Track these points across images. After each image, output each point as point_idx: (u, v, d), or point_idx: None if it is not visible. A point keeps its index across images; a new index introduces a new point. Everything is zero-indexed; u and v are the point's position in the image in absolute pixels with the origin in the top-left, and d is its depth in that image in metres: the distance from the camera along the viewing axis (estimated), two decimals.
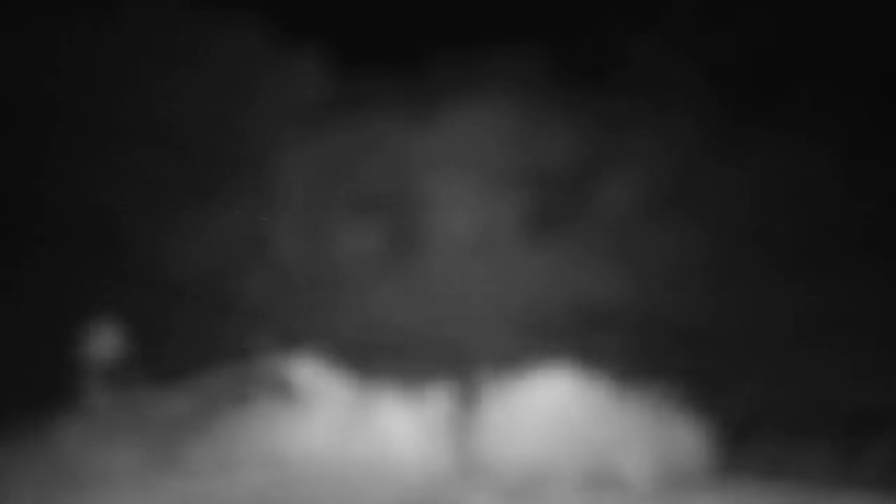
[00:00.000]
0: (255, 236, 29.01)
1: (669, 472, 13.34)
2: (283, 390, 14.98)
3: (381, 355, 16.68)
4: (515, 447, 14.46)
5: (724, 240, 26.40)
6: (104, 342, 14.71)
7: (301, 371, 15.19)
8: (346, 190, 29.61)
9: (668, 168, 28.58)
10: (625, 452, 13.11)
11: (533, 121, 28.75)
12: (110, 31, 27.83)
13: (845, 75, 26.94)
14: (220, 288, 27.70)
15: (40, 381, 16.83)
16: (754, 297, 24.21)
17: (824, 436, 15.11)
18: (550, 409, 14.57)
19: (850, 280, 24.18)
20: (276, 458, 14.08)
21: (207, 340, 23.22)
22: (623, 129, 28.94)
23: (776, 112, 27.02)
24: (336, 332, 20.31)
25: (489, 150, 28.61)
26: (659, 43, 29.28)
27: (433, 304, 26.73)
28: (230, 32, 27.98)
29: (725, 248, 26.15)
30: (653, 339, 21.12)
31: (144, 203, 28.39)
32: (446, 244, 28.91)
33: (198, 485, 13.25)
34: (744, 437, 14.90)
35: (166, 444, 14.46)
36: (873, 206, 26.72)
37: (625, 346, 17.29)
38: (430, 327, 25.06)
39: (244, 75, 28.13)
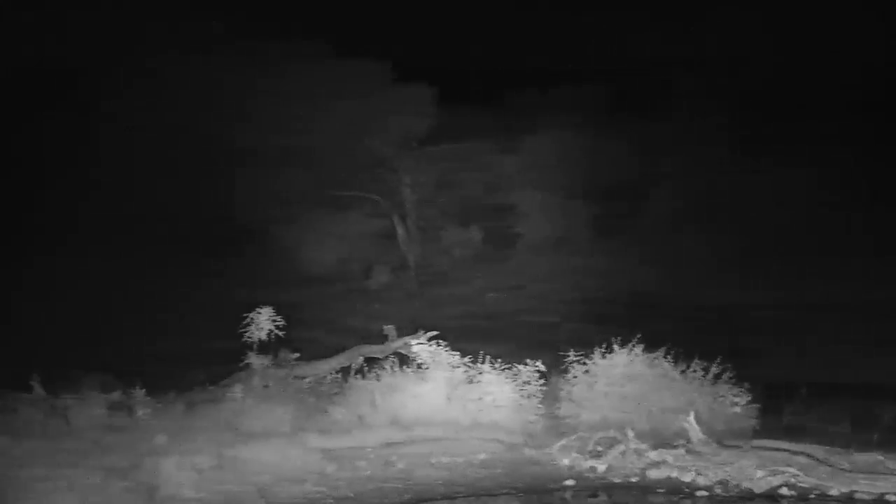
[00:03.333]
0: (382, 239, 29.62)
1: (719, 432, 13.62)
2: (405, 365, 15.44)
3: (483, 336, 17.03)
4: (594, 411, 14.88)
5: (751, 239, 26.50)
6: (265, 325, 15.16)
7: (419, 349, 15.64)
8: (451, 200, 30.10)
9: (703, 182, 28.69)
10: (682, 416, 13.37)
11: (595, 145, 29.05)
12: (261, 77, 28.61)
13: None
14: (355, 281, 28.39)
15: (217, 356, 17.63)
16: (777, 286, 24.31)
17: (840, 404, 15.26)
18: (621, 380, 14.89)
19: (860, 274, 24.19)
20: (399, 420, 14.62)
21: (345, 324, 23.91)
22: (667, 152, 29.17)
23: (786, 137, 27.15)
24: (447, 316, 20.80)
25: (562, 169, 28.92)
26: (696, 80, 29.46)
27: (523, 293, 27.12)
28: (356, 76, 28.62)
29: (753, 246, 26.25)
30: (698, 323, 21.31)
31: (291, 214, 29.10)
32: (532, 245, 29.23)
33: (337, 440, 13.84)
34: (775, 404, 15.10)
35: (313, 408, 15.12)
36: (871, 211, 26.68)
37: (676, 329, 17.48)
38: (521, 313, 25.48)
39: (369, 108, 28.76)
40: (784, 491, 11.69)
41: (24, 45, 29.14)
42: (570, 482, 12.13)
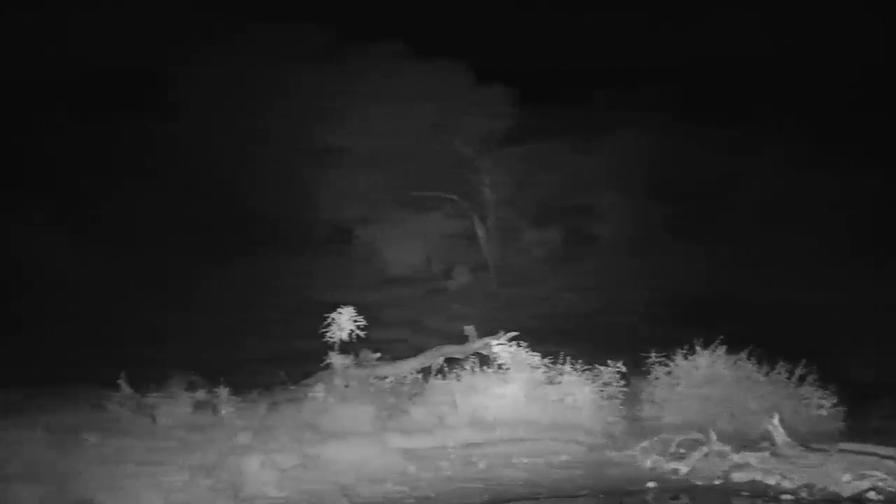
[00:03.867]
0: (462, 239, 29.64)
1: (804, 435, 13.37)
2: (485, 365, 15.42)
3: (563, 337, 16.95)
4: (676, 413, 14.73)
5: (832, 238, 25.99)
6: (347, 326, 15.24)
7: (499, 350, 15.60)
8: (530, 200, 30.01)
9: (782, 182, 28.24)
10: (767, 419, 13.15)
11: (673, 145, 28.76)
12: (343, 78, 28.79)
13: None
14: (436, 282, 28.45)
15: (299, 356, 17.77)
16: (860, 286, 23.78)
17: None
18: (703, 382, 14.72)
19: None
20: (480, 421, 14.60)
21: (426, 324, 23.97)
22: (745, 151, 28.79)
23: (862, 135, 26.62)
24: (527, 317, 20.74)
25: (641, 169, 28.67)
26: (775, 79, 29.06)
27: (602, 294, 26.93)
28: (438, 77, 28.66)
29: (834, 246, 25.75)
30: (781, 324, 20.92)
31: (373, 214, 29.27)
32: (610, 245, 29.03)
33: (418, 440, 13.87)
34: (862, 406, 14.80)
35: (393, 408, 15.16)
36: None
37: (759, 330, 17.18)
38: (601, 313, 25.32)
39: (450, 109, 28.79)
40: (871, 495, 11.40)
41: (110, 47, 29.76)
42: (651, 484, 11.99)
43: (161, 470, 11.30)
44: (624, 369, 14.87)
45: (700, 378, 14.74)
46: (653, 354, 15.09)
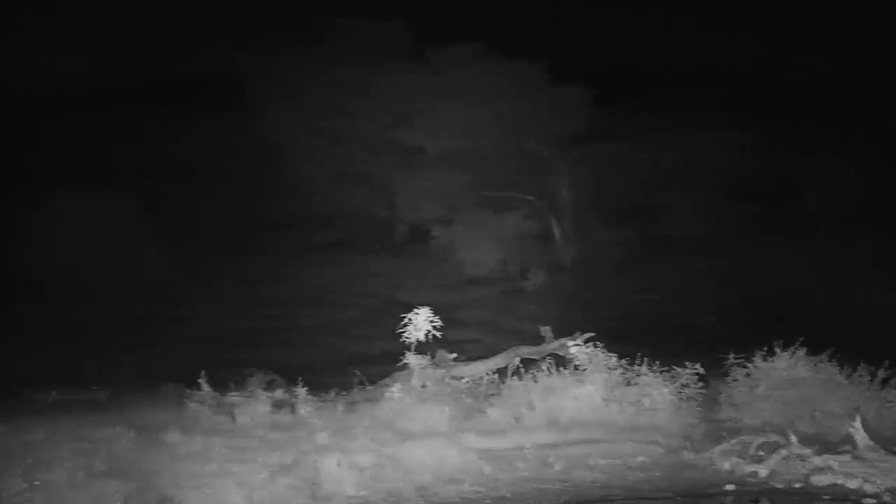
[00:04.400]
0: (539, 240, 29.55)
1: (886, 438, 13.08)
2: (562, 366, 15.37)
3: (640, 337, 16.81)
4: (755, 415, 14.54)
5: None
6: (423, 326, 15.32)
7: (576, 350, 15.54)
8: (607, 200, 29.81)
9: (863, 183, 27.66)
10: (848, 421, 12.91)
11: (752, 144, 28.34)
12: (419, 80, 28.93)
13: None
14: (512, 282, 28.40)
15: (376, 356, 17.90)
16: None
17: None
18: (783, 384, 14.50)
19: None
20: (556, 422, 14.55)
21: (502, 325, 23.94)
22: (825, 152, 28.23)
23: None
24: (604, 318, 20.59)
25: (718, 168, 28.31)
26: (859, 80, 28.48)
27: (680, 294, 26.63)
28: (514, 77, 28.64)
29: None
30: (862, 326, 20.47)
31: (450, 215, 29.31)
32: (688, 245, 28.69)
33: (494, 441, 13.87)
34: None
35: (470, 409, 15.18)
36: None
37: (839, 331, 16.86)
38: (679, 314, 25.03)
39: (526, 109, 28.76)
40: None
41: (198, 51, 30.27)
42: (730, 487, 11.82)
43: (241, 469, 11.43)
44: (702, 371, 14.71)
45: (780, 380, 14.54)
46: (731, 356, 14.93)
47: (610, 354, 15.13)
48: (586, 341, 15.55)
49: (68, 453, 11.76)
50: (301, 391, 14.81)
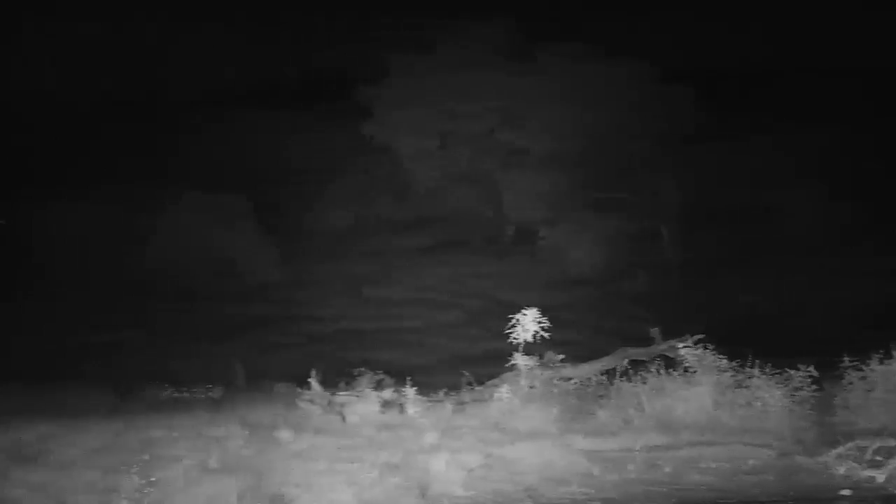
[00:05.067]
0: (646, 240, 29.18)
1: None
2: (671, 368, 15.18)
3: (751, 339, 16.50)
4: (871, 419, 14.16)
5: None
6: (531, 327, 15.28)
7: (686, 352, 15.34)
8: (716, 200, 29.32)
9: None
10: None
11: (865, 143, 27.58)
12: (525, 80, 28.88)
13: None
14: (619, 283, 28.11)
15: (484, 356, 17.90)
16: None
17: None
18: None
19: None
20: (666, 424, 14.37)
21: (610, 326, 23.74)
22: None
23: None
24: (714, 319, 20.28)
25: (831, 167, 27.62)
26: None
27: (792, 295, 26.04)
28: (621, 76, 28.41)
29: None
30: None
31: (557, 215, 29.15)
32: (800, 245, 28.04)
33: (603, 443, 13.74)
34: None
35: (578, 410, 15.09)
36: None
37: None
38: (790, 315, 24.50)
39: (634, 109, 28.46)
40: None
41: (308, 54, 30.74)
42: (846, 492, 11.52)
43: (351, 468, 11.53)
44: (815, 373, 14.39)
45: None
46: (845, 358, 14.56)
47: (720, 356, 14.86)
48: (696, 343, 15.29)
49: (184, 450, 12.01)
50: (410, 391, 14.91)
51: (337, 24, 30.64)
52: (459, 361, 18.73)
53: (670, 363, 15.22)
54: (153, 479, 10.25)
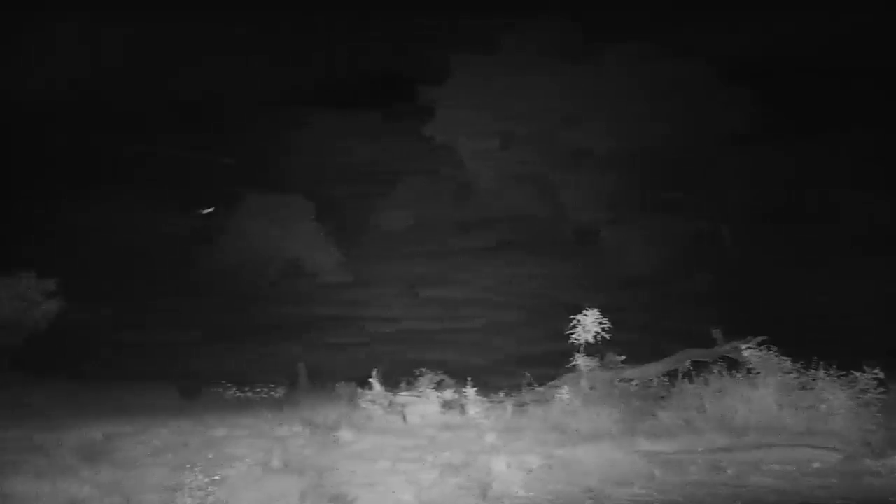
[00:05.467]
0: (706, 240, 28.91)
1: None
2: (733, 369, 15.02)
3: (815, 340, 16.28)
4: None
5: None
6: (591, 328, 15.23)
7: (749, 353, 15.16)
8: (775, 199, 28.96)
9: None
10: None
11: None
12: (586, 80, 28.78)
13: None
14: (680, 283, 27.88)
15: (545, 357, 17.87)
16: None
17: None
18: None
19: None
20: (729, 425, 14.22)
21: (671, 327, 23.53)
22: None
23: None
24: (775, 320, 20.02)
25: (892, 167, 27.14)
26: None
27: (854, 295, 25.62)
28: (682, 76, 28.17)
29: None
30: None
31: (617, 216, 29.04)
32: (861, 245, 27.60)
33: (665, 444, 13.63)
34: None
35: (640, 411, 15.00)
36: None
37: None
38: (854, 316, 24.11)
39: (695, 108, 28.22)
40: None
41: (373, 55, 31.00)
42: None
43: (412, 468, 11.56)
44: (882, 375, 14.13)
45: None
46: None
47: (784, 358, 14.67)
48: (759, 344, 15.11)
49: (247, 449, 12.13)
50: (470, 391, 14.91)
51: (400, 26, 30.75)
52: (520, 362, 18.68)
53: (733, 365, 15.05)
54: (216, 477, 10.35)
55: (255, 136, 32.13)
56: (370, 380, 15.60)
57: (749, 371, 14.83)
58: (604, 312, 15.42)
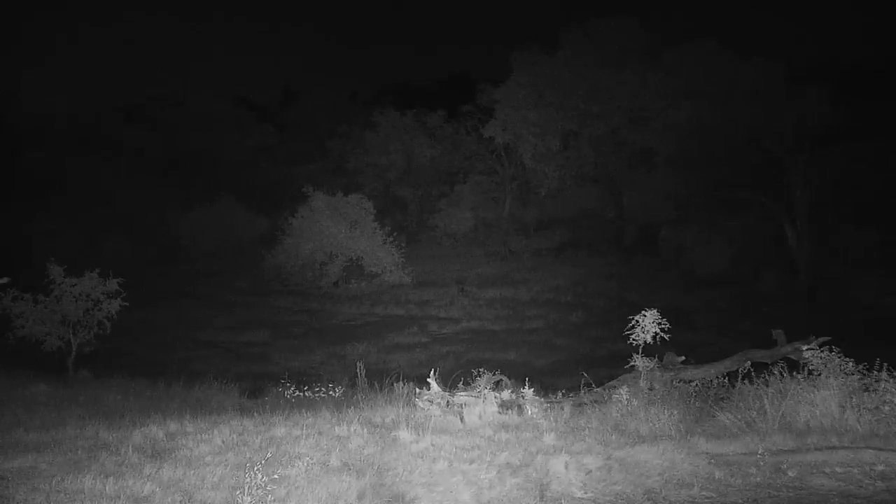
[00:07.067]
0: (772, 241, 28.56)
1: None
2: (795, 370, 14.77)
3: (880, 341, 15.99)
4: None
5: None
6: (651, 328, 15.10)
7: (810, 355, 14.91)
8: (845, 200, 28.53)
9: None
10: None
11: None
12: (651, 79, 28.61)
13: None
14: (744, 284, 27.56)
15: (604, 357, 17.77)
16: None
17: None
18: None
19: None
20: (790, 427, 14.00)
21: (733, 327, 23.30)
22: None
23: None
24: (839, 321, 19.72)
25: None
26: None
27: None
28: (751, 75, 27.88)
29: None
30: None
31: (682, 216, 28.83)
32: None
33: (725, 446, 13.44)
34: None
35: (699, 412, 14.82)
36: None
37: None
38: None
39: (763, 108, 27.89)
40: None
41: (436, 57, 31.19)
42: None
43: (470, 468, 11.52)
44: None
45: None
46: None
47: (846, 359, 14.40)
48: (821, 345, 14.86)
49: (306, 449, 12.17)
50: (528, 392, 14.86)
51: (463, 26, 31.02)
52: (580, 362, 18.61)
53: (794, 366, 14.84)
54: (276, 476, 10.40)
55: (320, 137, 32.52)
56: (428, 379, 15.59)
57: (811, 372, 14.57)
58: (666, 312, 15.27)
